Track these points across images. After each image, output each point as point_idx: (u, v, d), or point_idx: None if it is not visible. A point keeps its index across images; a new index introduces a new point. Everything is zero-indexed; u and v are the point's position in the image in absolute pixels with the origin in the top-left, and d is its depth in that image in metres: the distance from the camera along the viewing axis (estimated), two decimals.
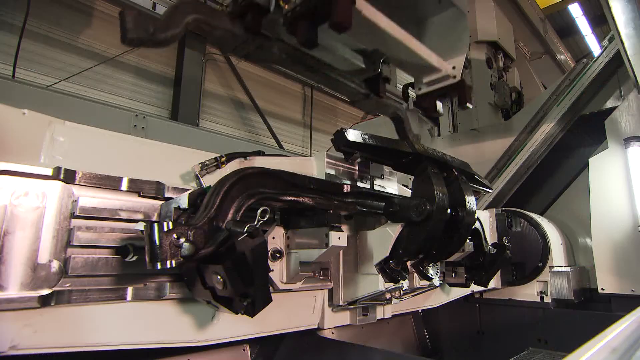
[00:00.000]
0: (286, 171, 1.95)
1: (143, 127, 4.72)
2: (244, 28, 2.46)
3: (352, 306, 2.22)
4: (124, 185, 1.49)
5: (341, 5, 1.75)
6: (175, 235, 1.23)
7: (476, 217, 2.22)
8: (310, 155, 2.49)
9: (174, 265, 1.22)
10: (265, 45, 1.92)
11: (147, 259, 1.20)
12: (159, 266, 1.19)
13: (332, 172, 2.33)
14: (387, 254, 2.02)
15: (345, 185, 2.01)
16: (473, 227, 2.24)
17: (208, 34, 1.73)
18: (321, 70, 2.09)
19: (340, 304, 2.17)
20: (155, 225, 1.20)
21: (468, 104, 2.53)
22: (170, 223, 1.23)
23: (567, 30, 16.70)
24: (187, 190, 1.60)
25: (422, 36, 3.00)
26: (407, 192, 2.67)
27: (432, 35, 2.97)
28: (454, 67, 2.74)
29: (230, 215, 1.45)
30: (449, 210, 2.03)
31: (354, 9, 1.86)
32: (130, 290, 1.45)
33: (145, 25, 1.31)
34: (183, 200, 1.49)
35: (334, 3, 1.81)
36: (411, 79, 2.67)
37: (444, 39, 2.88)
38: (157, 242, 1.19)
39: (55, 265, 1.29)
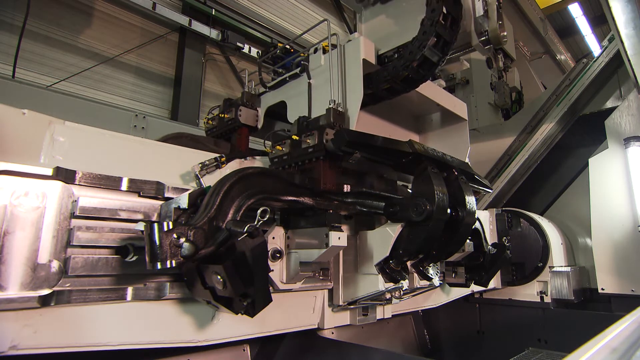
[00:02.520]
0: (285, 171, 1.95)
1: (143, 127, 4.72)
2: (230, 147, 2.58)
3: (352, 306, 2.22)
4: (124, 185, 1.49)
5: (323, 179, 1.92)
6: (175, 235, 1.23)
7: (476, 217, 2.22)
8: None
9: (174, 265, 1.21)
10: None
11: (147, 259, 1.20)
12: (159, 266, 1.19)
13: None
14: (387, 254, 2.02)
15: (345, 185, 2.00)
16: (473, 227, 2.24)
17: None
18: None
19: (340, 304, 2.16)
20: (155, 225, 1.20)
21: None
22: (171, 223, 1.23)
23: (567, 30, 16.69)
24: (187, 190, 1.60)
25: (424, 136, 3.21)
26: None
27: (433, 137, 3.14)
28: None
29: (230, 215, 1.45)
30: (449, 210, 2.02)
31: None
32: (130, 290, 1.45)
33: None
34: (183, 200, 1.49)
35: (318, 178, 1.92)
36: None
37: (445, 142, 3.02)
38: (157, 242, 1.19)
39: (55, 265, 1.29)
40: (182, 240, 1.25)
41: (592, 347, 1.04)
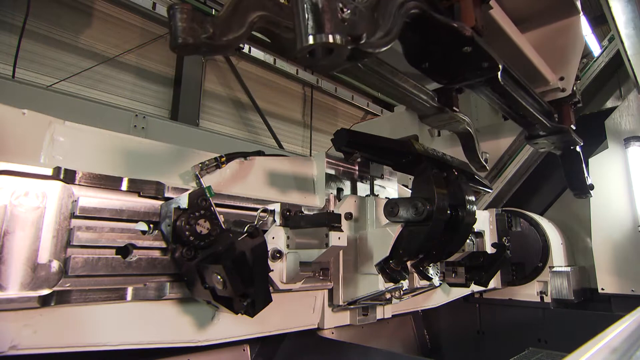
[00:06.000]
0: None
1: (143, 127, 4.72)
2: None
3: (352, 306, 2.22)
4: (124, 185, 1.49)
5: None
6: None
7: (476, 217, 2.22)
8: (310, 155, 2.48)
9: (338, 41, 0.96)
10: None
11: (305, 29, 0.97)
12: (322, 39, 0.95)
13: (332, 172, 2.33)
14: (387, 254, 2.02)
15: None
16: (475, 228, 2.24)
17: (274, 36, 1.35)
18: (391, 83, 1.87)
19: (340, 304, 2.17)
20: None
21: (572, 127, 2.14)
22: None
23: None
24: (187, 190, 1.60)
25: (529, 36, 2.46)
26: (407, 192, 2.67)
27: (540, 36, 2.45)
28: (561, 78, 2.34)
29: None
30: (449, 210, 2.03)
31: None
32: (130, 290, 1.45)
33: (201, 25, 1.04)
34: (183, 200, 1.49)
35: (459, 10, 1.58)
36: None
37: (554, 42, 2.34)
38: (316, 9, 0.95)
39: (55, 265, 1.29)
40: (348, 12, 0.99)
41: (592, 347, 1.04)
